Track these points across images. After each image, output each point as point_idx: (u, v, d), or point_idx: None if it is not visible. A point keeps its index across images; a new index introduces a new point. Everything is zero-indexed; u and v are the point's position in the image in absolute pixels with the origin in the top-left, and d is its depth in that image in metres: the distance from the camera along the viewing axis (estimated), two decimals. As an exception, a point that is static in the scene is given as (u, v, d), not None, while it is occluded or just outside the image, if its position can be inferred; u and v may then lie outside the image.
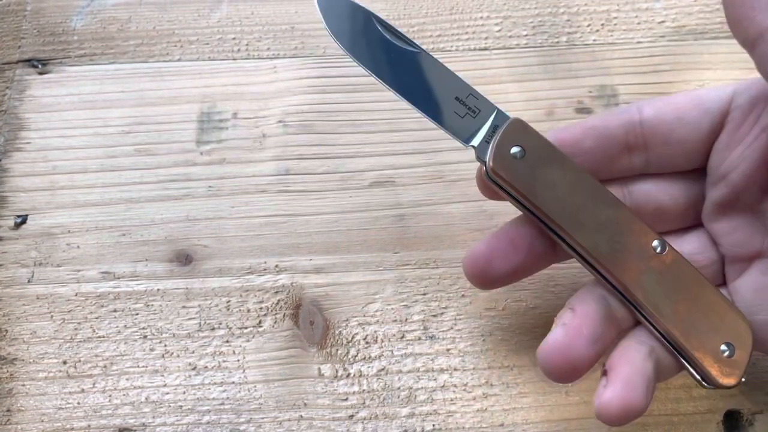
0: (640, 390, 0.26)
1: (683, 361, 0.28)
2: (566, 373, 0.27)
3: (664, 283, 0.27)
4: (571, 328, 0.27)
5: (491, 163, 0.28)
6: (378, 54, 0.30)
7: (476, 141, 0.29)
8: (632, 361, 0.27)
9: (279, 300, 0.35)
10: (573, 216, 0.28)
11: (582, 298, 0.28)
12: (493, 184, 0.29)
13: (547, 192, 0.28)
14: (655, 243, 0.28)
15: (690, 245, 0.30)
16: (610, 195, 0.28)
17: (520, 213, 0.29)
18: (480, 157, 0.29)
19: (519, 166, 0.28)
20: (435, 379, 0.33)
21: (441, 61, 0.30)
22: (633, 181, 0.30)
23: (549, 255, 0.30)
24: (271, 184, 0.37)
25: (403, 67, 0.30)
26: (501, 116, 0.29)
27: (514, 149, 0.28)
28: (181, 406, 0.33)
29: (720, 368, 0.27)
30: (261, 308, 0.35)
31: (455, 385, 0.33)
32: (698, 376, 0.27)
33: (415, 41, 0.31)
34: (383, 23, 0.31)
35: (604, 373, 0.27)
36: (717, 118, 0.28)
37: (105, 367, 0.34)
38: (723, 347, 0.27)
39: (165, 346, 0.34)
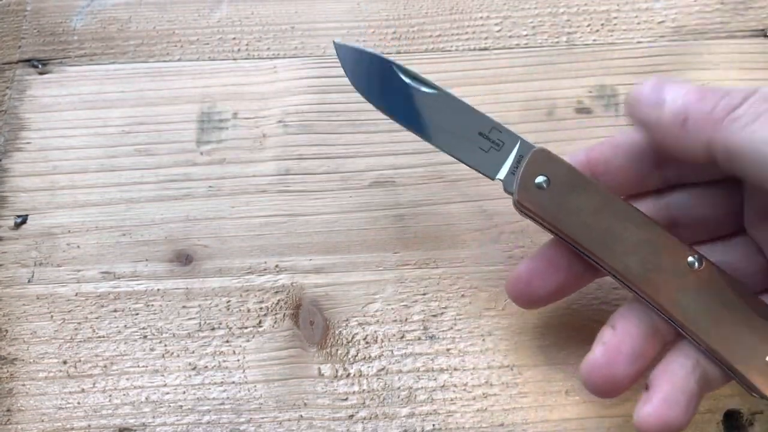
0: (680, 407, 0.26)
1: (729, 372, 0.27)
2: (608, 391, 0.27)
3: (703, 300, 0.27)
4: (611, 346, 0.27)
5: (517, 196, 0.28)
6: (403, 102, 0.31)
7: (502, 174, 0.29)
8: (675, 377, 0.26)
9: (279, 300, 0.35)
10: (602, 240, 0.27)
11: (623, 315, 0.28)
12: (522, 213, 0.29)
13: (574, 218, 0.28)
14: (690, 259, 0.27)
15: (735, 252, 0.29)
16: (640, 215, 0.28)
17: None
18: (507, 190, 0.29)
19: (545, 195, 0.28)
20: (435, 379, 0.33)
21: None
22: (669, 193, 0.30)
23: (588, 273, 0.30)
24: (271, 184, 0.37)
25: (427, 110, 0.30)
26: (525, 146, 0.29)
27: (539, 179, 0.28)
28: (181, 406, 0.33)
29: (766, 379, 0.26)
30: (261, 308, 0.35)
31: (455, 385, 0.33)
32: (747, 386, 0.27)
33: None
34: (402, 69, 0.31)
35: (646, 387, 0.27)
36: None
37: (105, 367, 0.34)
38: None
39: (165, 346, 0.34)
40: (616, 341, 0.27)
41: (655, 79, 0.27)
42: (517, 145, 0.29)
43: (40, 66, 0.41)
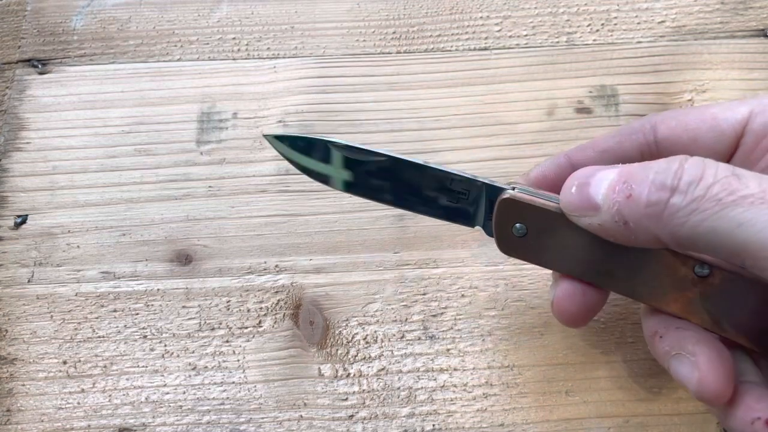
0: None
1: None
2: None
3: (720, 304, 0.26)
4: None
5: (500, 247, 0.28)
6: (358, 176, 0.29)
7: (479, 221, 0.29)
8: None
9: (279, 300, 0.35)
10: (600, 271, 0.27)
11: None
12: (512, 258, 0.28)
13: (565, 256, 0.27)
14: (697, 269, 0.26)
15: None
16: None
17: None
18: (489, 235, 0.28)
19: (526, 242, 0.27)
20: (435, 379, 0.33)
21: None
22: None
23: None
24: (271, 184, 0.37)
25: (383, 179, 0.29)
26: (492, 189, 0.28)
27: (516, 226, 0.27)
28: (181, 406, 0.33)
29: None
30: (261, 308, 0.35)
31: (455, 385, 0.33)
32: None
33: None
34: (341, 145, 0.29)
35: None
36: (731, 141, 0.27)
37: (105, 367, 0.34)
38: None
39: (165, 346, 0.34)
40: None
41: (578, 181, 0.26)
42: (484, 190, 0.28)
43: (39, 66, 0.41)
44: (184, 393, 0.33)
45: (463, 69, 0.40)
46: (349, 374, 0.33)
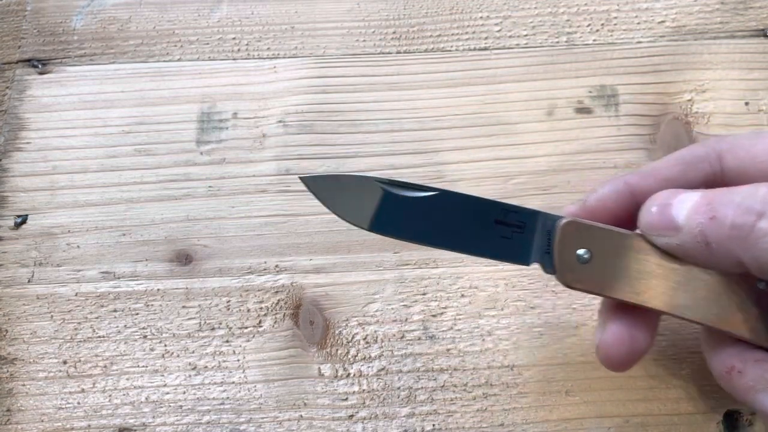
0: None
1: None
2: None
3: None
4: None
5: (563, 279, 0.26)
6: (405, 218, 0.27)
7: (537, 255, 0.27)
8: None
9: (279, 300, 0.35)
10: (669, 297, 0.26)
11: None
12: (571, 288, 0.27)
13: (633, 282, 0.25)
14: (760, 284, 0.25)
15: None
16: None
17: None
18: (548, 271, 0.27)
19: (591, 269, 0.26)
20: (435, 379, 0.33)
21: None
22: None
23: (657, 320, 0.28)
24: (271, 184, 0.37)
25: (431, 216, 0.27)
26: (548, 219, 0.27)
27: (580, 252, 0.26)
28: (181, 406, 0.33)
29: None
30: (261, 308, 0.35)
31: (455, 385, 0.33)
32: None
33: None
34: (386, 181, 0.27)
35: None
36: None
37: (105, 367, 0.34)
38: None
39: (165, 346, 0.34)
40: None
41: (659, 201, 0.25)
42: (540, 221, 0.27)
43: (40, 66, 0.41)
44: (184, 393, 0.33)
45: (463, 69, 0.40)
46: (349, 374, 0.33)
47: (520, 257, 0.27)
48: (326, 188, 0.28)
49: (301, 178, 0.28)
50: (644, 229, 0.26)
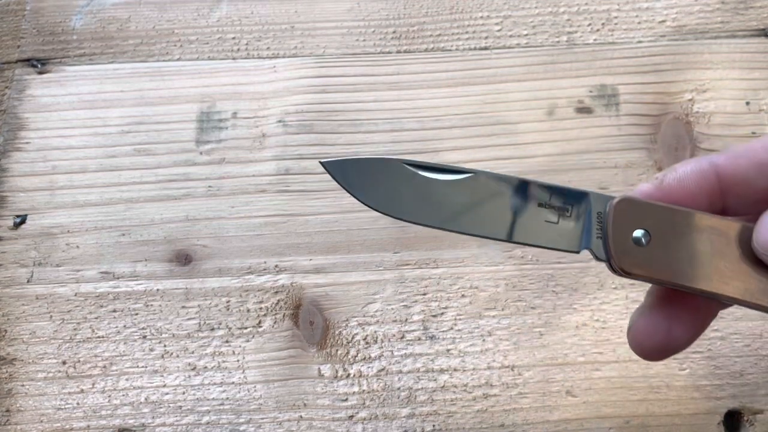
0: None
1: None
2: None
3: None
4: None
5: (618, 264, 0.23)
6: (436, 203, 0.24)
7: (587, 242, 0.24)
8: None
9: (279, 300, 0.35)
10: (745, 283, 0.23)
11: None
12: (624, 276, 0.24)
13: (693, 264, 0.23)
14: None
15: None
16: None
17: None
18: (599, 258, 0.24)
19: (649, 252, 0.23)
20: (435, 380, 0.33)
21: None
22: None
23: (711, 310, 0.26)
24: (270, 184, 0.37)
25: (468, 201, 0.24)
26: (599, 199, 0.24)
27: (636, 234, 0.23)
28: (180, 407, 0.33)
29: None
30: (261, 308, 0.35)
31: (455, 386, 0.33)
32: None
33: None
34: (414, 163, 0.25)
35: None
36: None
37: (104, 367, 0.34)
38: None
39: (164, 346, 0.34)
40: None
41: None
42: (590, 202, 0.24)
43: (39, 66, 0.41)
44: (184, 393, 0.33)
45: (463, 69, 0.40)
46: (349, 375, 0.33)
47: (569, 244, 0.24)
48: (350, 173, 0.25)
49: (321, 162, 0.26)
50: (762, 247, 0.22)
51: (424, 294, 0.35)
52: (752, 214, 0.24)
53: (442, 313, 0.34)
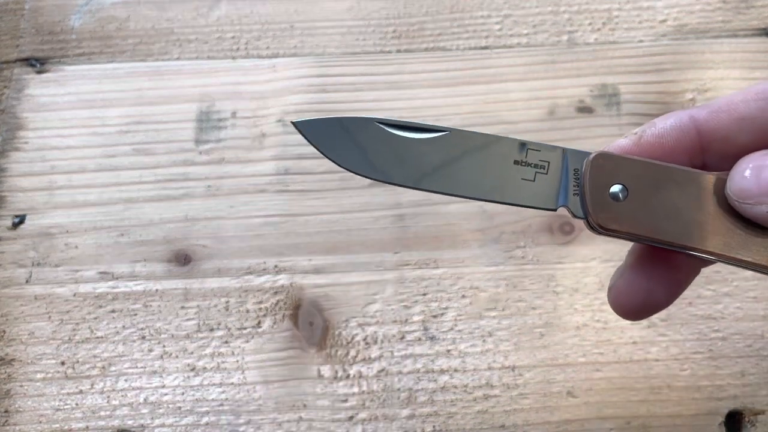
0: None
1: None
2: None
3: None
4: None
5: (594, 218, 0.23)
6: (411, 162, 0.24)
7: (564, 199, 0.24)
8: None
9: (278, 300, 0.35)
10: (726, 237, 0.23)
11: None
12: (601, 234, 0.24)
13: (672, 219, 0.23)
14: None
15: None
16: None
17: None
18: (576, 215, 0.24)
19: (627, 207, 0.23)
20: (435, 380, 0.33)
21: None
22: None
23: (690, 267, 0.25)
24: (270, 183, 0.37)
25: (443, 160, 0.24)
26: (575, 155, 0.24)
27: (614, 189, 0.23)
28: (179, 408, 0.33)
29: None
30: (260, 309, 0.34)
31: (456, 387, 0.33)
32: None
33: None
34: (387, 122, 0.25)
35: None
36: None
37: (103, 368, 0.33)
38: None
39: (163, 346, 0.34)
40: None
41: (754, 163, 0.22)
42: (565, 159, 0.24)
43: (38, 65, 0.41)
44: (183, 394, 0.33)
45: (463, 68, 0.40)
46: (348, 375, 0.33)
47: (545, 201, 0.24)
48: (321, 132, 0.25)
49: (293, 122, 0.26)
50: (735, 194, 0.22)
51: (424, 294, 0.35)
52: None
53: (443, 314, 0.34)
